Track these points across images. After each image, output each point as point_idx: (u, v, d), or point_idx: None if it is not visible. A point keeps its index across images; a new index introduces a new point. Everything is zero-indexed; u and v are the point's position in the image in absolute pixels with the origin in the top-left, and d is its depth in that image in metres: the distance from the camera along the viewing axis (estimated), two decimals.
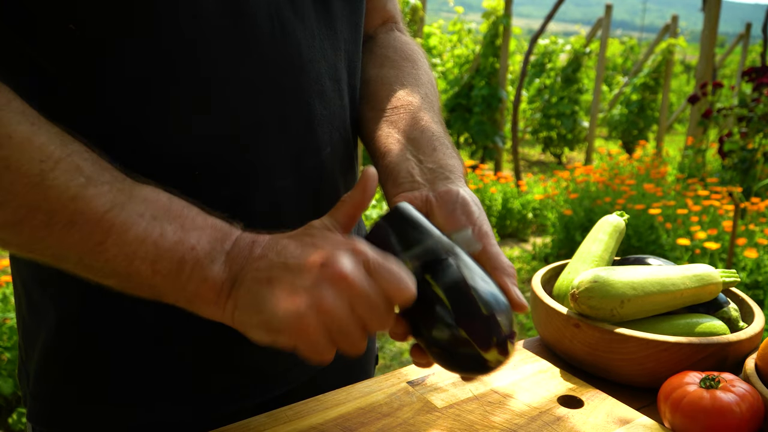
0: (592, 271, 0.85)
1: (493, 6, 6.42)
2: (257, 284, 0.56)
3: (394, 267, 0.56)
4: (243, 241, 0.59)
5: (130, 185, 0.57)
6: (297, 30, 0.70)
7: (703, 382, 0.72)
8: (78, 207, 0.54)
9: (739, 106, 4.61)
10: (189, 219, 0.58)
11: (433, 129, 0.75)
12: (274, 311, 0.54)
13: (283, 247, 0.58)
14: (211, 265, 0.57)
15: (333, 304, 0.54)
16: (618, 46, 15.45)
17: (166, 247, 0.56)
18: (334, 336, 0.55)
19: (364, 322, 0.56)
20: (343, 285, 0.54)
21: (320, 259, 0.55)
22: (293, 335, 0.55)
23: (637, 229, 3.80)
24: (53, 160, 0.54)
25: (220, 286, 0.57)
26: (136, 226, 0.55)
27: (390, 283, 0.55)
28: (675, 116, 9.07)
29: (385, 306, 0.55)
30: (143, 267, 0.56)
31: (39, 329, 0.73)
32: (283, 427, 0.71)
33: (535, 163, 8.47)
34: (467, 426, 0.72)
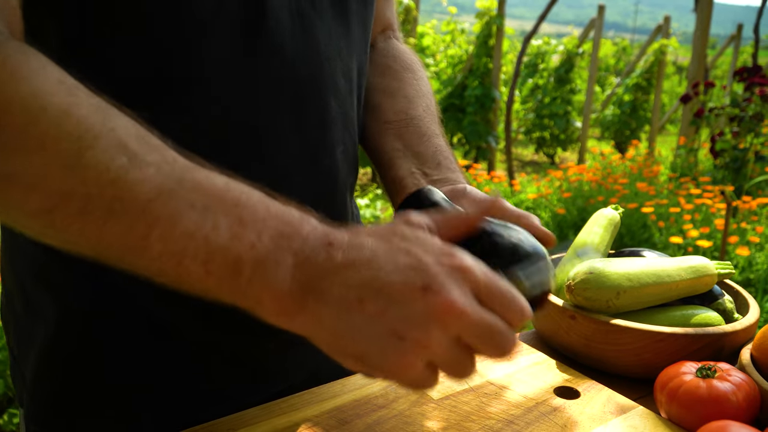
0: (588, 263, 0.85)
1: (486, 6, 6.43)
2: (344, 305, 0.47)
3: (506, 286, 0.50)
4: (316, 240, 0.49)
5: (181, 168, 0.49)
6: (316, 27, 0.70)
7: (699, 371, 0.72)
8: (118, 193, 0.46)
9: (731, 106, 4.63)
10: (249, 209, 0.49)
11: (436, 143, 0.79)
12: (370, 345, 0.47)
13: (372, 255, 0.48)
14: (275, 269, 0.48)
15: (439, 341, 0.47)
16: (610, 47, 15.50)
17: (219, 243, 0.47)
18: (442, 368, 0.50)
19: (479, 350, 0.50)
20: (450, 317, 0.47)
21: (421, 282, 0.47)
22: (393, 374, 0.49)
23: (630, 227, 3.81)
24: (92, 135, 0.46)
25: (286, 294, 0.48)
26: (185, 219, 0.47)
27: (507, 306, 0.49)
28: (667, 117, 9.10)
29: (502, 331, 0.49)
30: (194, 267, 0.48)
31: (36, 327, 0.72)
32: (278, 420, 0.71)
33: (528, 163, 8.48)
34: (463, 417, 0.72)
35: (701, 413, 0.68)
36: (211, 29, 0.62)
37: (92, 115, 0.47)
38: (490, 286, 0.49)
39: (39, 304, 0.71)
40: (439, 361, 0.49)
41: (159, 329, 0.71)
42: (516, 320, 0.50)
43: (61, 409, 0.73)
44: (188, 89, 0.63)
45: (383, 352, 0.47)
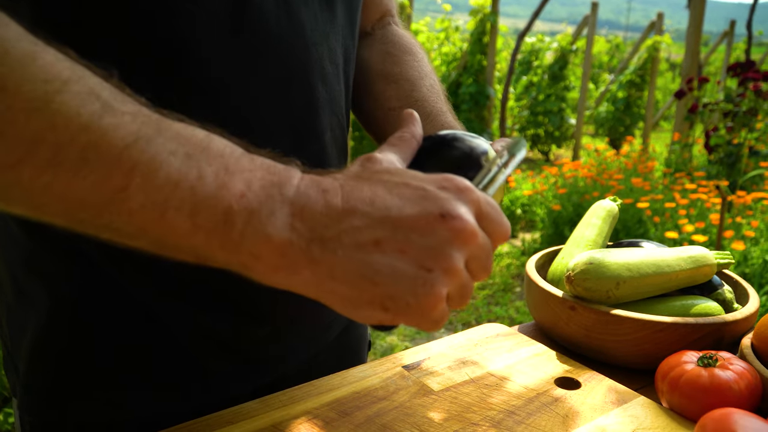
0: (588, 254, 0.84)
1: (480, 3, 6.43)
2: (361, 250, 0.45)
3: (497, 207, 0.50)
4: (308, 188, 0.47)
5: (158, 119, 0.45)
6: (301, 11, 0.70)
7: (700, 360, 0.71)
8: (91, 139, 0.41)
9: (725, 101, 4.64)
10: (233, 158, 0.46)
11: (442, 121, 0.78)
12: (397, 283, 0.45)
13: (373, 194, 0.47)
14: (271, 219, 0.45)
15: (461, 265, 0.47)
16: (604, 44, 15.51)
17: (206, 193, 0.44)
18: (455, 296, 0.48)
19: (474, 273, 0.49)
20: (471, 240, 0.47)
21: (437, 210, 0.46)
22: (422, 310, 0.46)
23: (625, 223, 3.81)
24: (61, 80, 0.42)
25: (288, 246, 0.45)
26: (167, 165, 0.43)
27: (498, 226, 0.50)
28: (661, 113, 9.13)
29: (491, 253, 0.50)
30: (179, 220, 0.44)
31: (28, 317, 0.71)
32: (277, 413, 0.70)
33: (523, 160, 8.48)
34: (464, 408, 0.71)
35: (703, 402, 0.68)
36: (195, 12, 0.61)
37: (60, 62, 0.43)
38: (488, 207, 0.49)
39: (30, 294, 0.70)
40: (456, 289, 0.48)
41: (150, 317, 0.70)
42: (502, 239, 0.50)
43: (54, 398, 0.72)
44: (171, 71, 0.62)
45: (413, 288, 0.45)
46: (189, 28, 0.62)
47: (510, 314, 3.72)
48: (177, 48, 0.62)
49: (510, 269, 4.40)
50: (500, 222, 0.50)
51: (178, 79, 0.63)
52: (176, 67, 0.62)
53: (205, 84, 0.64)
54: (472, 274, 0.49)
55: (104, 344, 0.71)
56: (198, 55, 0.63)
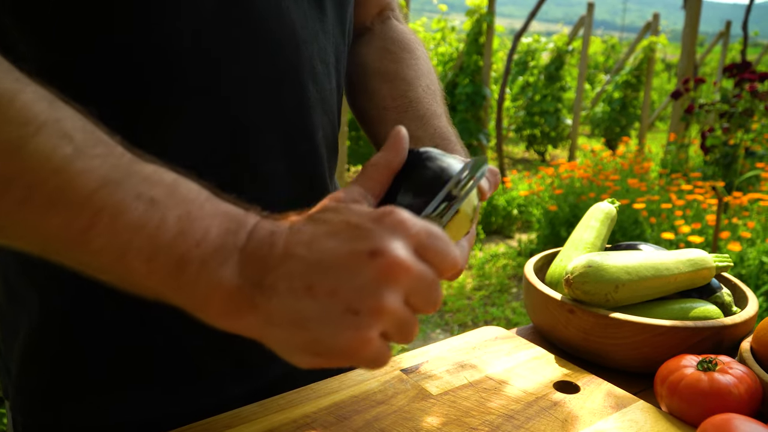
0: (586, 256, 0.84)
1: (476, 3, 6.42)
2: (293, 295, 0.45)
3: (440, 235, 0.48)
4: (260, 233, 0.48)
5: (129, 161, 0.47)
6: (291, 9, 0.69)
7: (700, 364, 0.71)
8: (60, 183, 0.44)
9: (721, 102, 4.65)
10: (197, 205, 0.47)
11: (435, 125, 0.77)
12: (323, 328, 0.45)
13: (311, 237, 0.47)
14: (221, 268, 0.46)
15: (392, 304, 0.45)
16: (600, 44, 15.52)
17: (165, 240, 0.45)
18: (391, 335, 0.47)
19: (418, 307, 0.48)
20: (399, 276, 0.45)
21: (366, 247, 0.45)
22: (351, 353, 0.46)
23: (621, 224, 3.81)
24: (36, 124, 0.44)
25: (234, 292, 0.46)
26: (131, 211, 0.45)
27: (443, 257, 0.48)
28: (657, 114, 9.15)
29: (437, 285, 0.48)
30: (137, 264, 0.45)
31: (20, 319, 0.71)
32: (276, 416, 0.70)
33: (519, 160, 8.49)
34: (463, 412, 0.71)
35: (703, 407, 0.68)
36: (182, 9, 0.61)
37: (38, 103, 0.45)
38: (427, 238, 0.47)
39: (23, 296, 0.70)
40: (392, 327, 0.47)
41: (143, 320, 0.70)
42: (448, 270, 0.48)
43: (46, 400, 0.72)
44: (159, 70, 0.62)
45: (338, 332, 0.45)
46: (176, 25, 0.61)
47: (506, 315, 3.72)
48: (164, 46, 0.61)
49: (506, 270, 4.40)
50: (444, 253, 0.48)
51: (166, 77, 0.62)
52: (164, 65, 0.62)
53: (194, 84, 0.64)
54: (415, 308, 0.48)
55: (96, 347, 0.70)
56: (186, 54, 0.62)
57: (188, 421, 0.69)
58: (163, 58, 0.62)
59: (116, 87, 0.62)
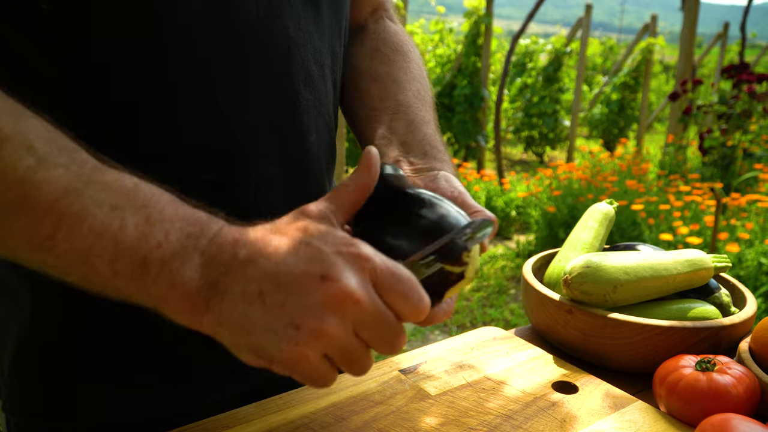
0: (585, 257, 0.84)
1: (474, 5, 6.43)
2: (246, 300, 0.48)
3: (405, 277, 0.49)
4: (223, 238, 0.50)
5: (91, 169, 0.49)
6: (284, 12, 0.69)
7: (698, 365, 0.71)
8: (24, 192, 0.46)
9: (719, 103, 4.65)
10: (157, 209, 0.50)
11: (425, 131, 0.76)
12: (267, 337, 0.47)
13: (273, 249, 0.49)
14: (181, 268, 0.49)
15: (335, 330, 0.47)
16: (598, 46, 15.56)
17: (126, 243, 0.48)
18: (337, 361, 0.50)
19: (371, 343, 0.49)
20: (347, 305, 0.47)
21: (320, 271, 0.47)
22: (290, 366, 0.48)
23: (620, 225, 3.82)
24: (1, 136, 0.46)
25: (194, 293, 0.49)
26: (91, 218, 0.47)
27: (402, 298, 0.49)
28: (654, 115, 9.15)
29: (394, 326, 0.49)
30: (101, 266, 0.48)
31: (12, 317, 0.71)
32: (274, 417, 0.69)
33: (517, 162, 8.50)
34: (462, 412, 0.71)
35: (701, 407, 0.68)
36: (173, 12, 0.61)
37: (3, 117, 0.47)
38: (389, 277, 0.49)
39: (14, 294, 0.70)
40: (335, 354, 0.49)
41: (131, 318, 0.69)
42: (410, 314, 0.49)
43: (38, 399, 0.71)
44: (149, 73, 0.62)
45: (278, 342, 0.47)
46: (163, 28, 0.61)
47: (505, 316, 3.72)
48: (153, 47, 0.61)
49: (504, 271, 4.40)
50: (404, 296, 0.48)
51: (155, 79, 0.62)
52: (153, 66, 0.61)
53: (184, 86, 0.63)
54: (368, 343, 0.49)
55: (88, 347, 0.70)
56: (173, 56, 0.62)
57: (185, 421, 0.69)
58: (151, 59, 0.61)
59: (106, 90, 0.61)
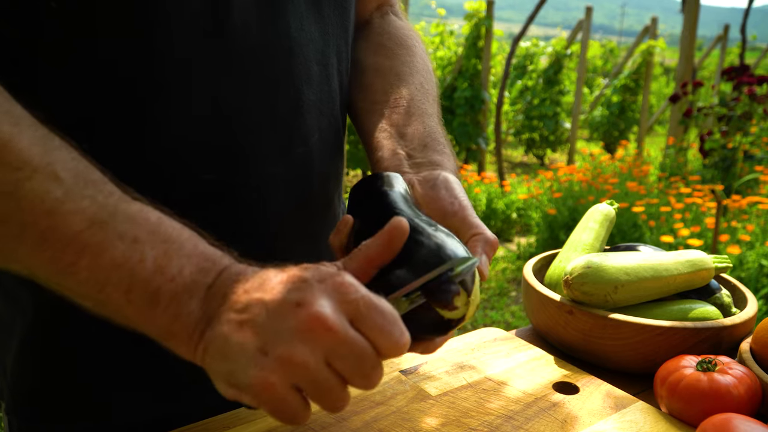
0: (585, 257, 0.84)
1: (475, 8, 6.44)
2: (230, 327, 0.48)
3: (386, 309, 0.48)
4: (229, 274, 0.51)
5: (116, 201, 0.51)
6: (287, 12, 0.69)
7: (699, 365, 0.71)
8: (51, 223, 0.48)
9: (719, 105, 4.65)
10: (177, 244, 0.51)
11: (426, 123, 0.75)
12: (237, 362, 0.47)
13: (267, 280, 0.50)
14: (188, 301, 0.50)
15: (304, 358, 0.46)
16: (598, 48, 15.56)
17: (143, 276, 0.50)
18: (308, 393, 0.48)
19: (345, 376, 0.48)
20: (318, 332, 0.46)
21: (297, 298, 0.47)
22: (256, 394, 0.47)
23: (620, 227, 3.81)
24: (31, 168, 0.48)
25: (193, 324, 0.50)
26: (113, 249, 0.49)
27: (380, 331, 0.47)
28: (655, 117, 9.15)
29: (371, 359, 0.47)
30: (116, 295, 0.50)
31: (14, 319, 0.71)
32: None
33: (518, 164, 8.50)
34: (462, 413, 0.71)
35: (703, 407, 0.68)
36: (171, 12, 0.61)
37: (33, 147, 0.49)
38: (370, 309, 0.48)
39: (16, 295, 0.70)
40: (305, 385, 0.47)
41: None
42: (387, 349, 0.47)
43: (40, 400, 0.71)
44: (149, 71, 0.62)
45: (246, 367, 0.47)
46: (164, 28, 0.61)
47: (506, 318, 3.72)
48: (152, 49, 0.61)
49: (505, 273, 4.40)
50: (380, 329, 0.47)
51: (156, 77, 0.62)
52: (153, 65, 0.61)
53: (185, 84, 0.63)
54: (343, 376, 0.48)
55: (91, 349, 0.70)
56: (174, 55, 0.62)
57: (185, 422, 0.69)
58: (152, 58, 0.61)
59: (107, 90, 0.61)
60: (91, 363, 0.70)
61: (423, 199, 0.66)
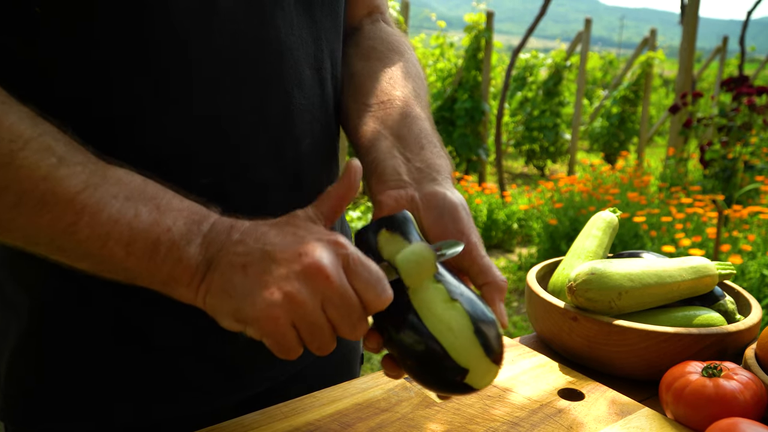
0: (589, 264, 0.84)
1: (474, 20, 6.47)
2: (231, 269, 0.54)
3: (373, 268, 0.54)
4: (221, 225, 0.57)
5: (104, 167, 0.56)
6: (276, 16, 0.68)
7: (705, 370, 0.71)
8: (49, 187, 0.52)
9: (719, 116, 4.67)
10: (165, 201, 0.57)
11: (421, 125, 0.73)
12: (245, 298, 0.53)
13: (262, 233, 0.56)
14: (186, 247, 0.55)
15: (305, 298, 0.52)
16: (597, 60, 15.62)
17: (140, 228, 0.54)
18: (302, 332, 0.54)
19: (335, 323, 0.54)
20: (318, 278, 0.53)
21: (299, 248, 0.54)
22: (261, 326, 0.53)
23: (621, 237, 3.81)
24: (23, 139, 0.52)
25: (194, 268, 0.56)
26: (109, 207, 0.54)
27: (366, 285, 0.54)
28: (655, 129, 9.17)
29: (357, 310, 0.54)
30: (117, 249, 0.54)
31: (9, 324, 0.71)
32: (279, 424, 0.69)
33: (518, 175, 8.51)
34: (468, 419, 0.71)
35: (708, 413, 0.68)
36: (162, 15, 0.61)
37: (22, 121, 0.53)
38: (359, 265, 0.54)
39: (12, 299, 0.70)
40: (302, 324, 0.53)
41: (128, 327, 0.69)
42: (371, 302, 0.54)
43: (34, 407, 0.71)
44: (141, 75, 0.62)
45: (254, 302, 0.53)
46: (156, 31, 0.61)
47: (508, 329, 3.71)
48: (145, 51, 0.61)
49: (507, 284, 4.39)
50: (368, 283, 0.54)
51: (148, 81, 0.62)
52: (145, 69, 0.61)
53: (176, 88, 0.63)
54: (332, 321, 0.54)
55: (86, 355, 0.69)
56: (167, 59, 0.62)
57: (183, 425, 0.69)
58: (143, 62, 0.61)
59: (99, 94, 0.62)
60: (85, 370, 0.70)
61: (430, 231, 0.64)
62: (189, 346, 0.72)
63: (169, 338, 0.71)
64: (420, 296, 0.57)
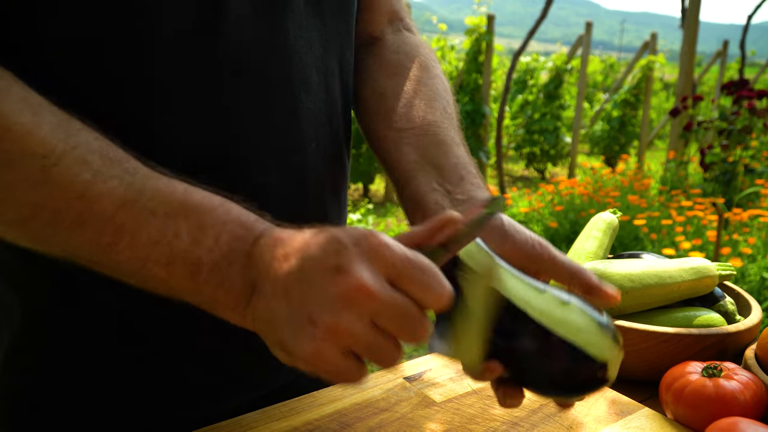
0: (589, 264, 0.84)
1: (475, 23, 6.48)
2: (274, 298, 0.49)
3: (425, 265, 0.48)
4: (266, 239, 0.52)
5: (142, 178, 0.52)
6: (286, 18, 0.68)
7: (705, 371, 0.71)
8: (85, 206, 0.50)
9: (719, 120, 4.67)
10: (208, 214, 0.52)
11: (457, 153, 0.71)
12: (288, 332, 0.48)
13: (305, 244, 0.50)
14: (228, 269, 0.51)
15: (349, 325, 0.47)
16: (598, 63, 15.64)
17: (181, 248, 0.51)
18: (361, 355, 0.49)
19: (393, 333, 0.49)
20: (361, 299, 0.47)
21: (335, 263, 0.48)
22: (309, 363, 0.48)
23: (622, 240, 3.82)
24: (56, 155, 0.49)
25: (238, 291, 0.52)
26: (148, 226, 0.51)
27: (421, 288, 0.48)
28: (655, 132, 9.18)
29: (414, 315, 0.48)
30: (157, 270, 0.52)
31: (1, 324, 0.70)
32: (277, 424, 0.69)
33: (519, 178, 8.51)
34: (467, 419, 0.70)
35: (708, 412, 0.67)
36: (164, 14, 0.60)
37: (56, 133, 0.50)
38: (407, 267, 0.48)
39: (4, 301, 0.69)
40: (358, 348, 0.48)
41: (126, 329, 0.68)
42: (431, 302, 0.48)
43: (27, 412, 0.70)
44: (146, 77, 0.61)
45: (297, 337, 0.48)
46: (156, 29, 0.60)
47: None
48: (150, 53, 0.60)
49: None
50: (420, 283, 0.48)
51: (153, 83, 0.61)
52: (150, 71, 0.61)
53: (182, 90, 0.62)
54: (390, 332, 0.48)
55: (82, 357, 0.69)
56: (172, 60, 0.61)
57: (185, 429, 0.69)
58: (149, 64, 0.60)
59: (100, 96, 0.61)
60: (80, 374, 0.69)
61: (501, 250, 0.62)
62: (189, 350, 0.72)
63: (169, 341, 0.70)
64: (533, 306, 0.55)
